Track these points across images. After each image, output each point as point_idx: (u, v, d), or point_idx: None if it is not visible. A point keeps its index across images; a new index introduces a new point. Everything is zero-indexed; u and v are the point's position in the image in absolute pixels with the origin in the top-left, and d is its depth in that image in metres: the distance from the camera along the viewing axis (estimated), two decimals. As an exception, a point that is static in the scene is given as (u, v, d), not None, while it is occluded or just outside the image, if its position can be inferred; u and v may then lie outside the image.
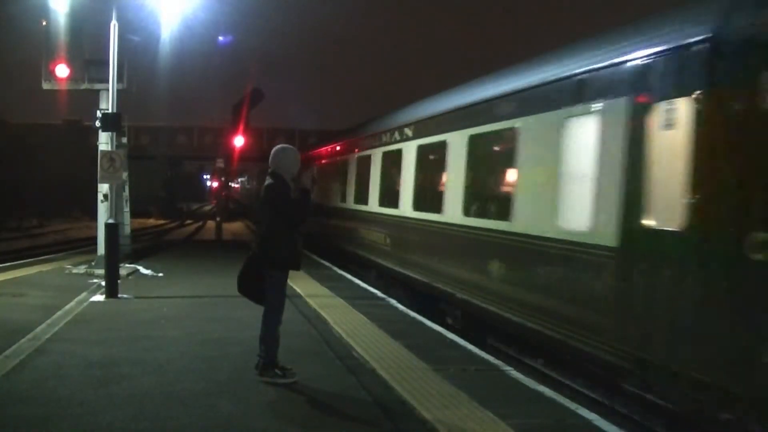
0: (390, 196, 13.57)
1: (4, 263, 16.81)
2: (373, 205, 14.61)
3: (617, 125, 6.62)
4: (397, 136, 13.52)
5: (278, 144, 7.30)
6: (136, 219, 33.68)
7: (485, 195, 9.92)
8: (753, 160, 5.19)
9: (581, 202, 7.12)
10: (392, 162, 13.51)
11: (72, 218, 47.74)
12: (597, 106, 7.01)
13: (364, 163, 15.60)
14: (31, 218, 45.15)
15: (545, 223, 7.76)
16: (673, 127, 5.91)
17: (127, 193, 17.41)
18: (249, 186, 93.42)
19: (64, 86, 15.98)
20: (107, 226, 12.33)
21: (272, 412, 5.91)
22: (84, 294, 11.95)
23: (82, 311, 10.43)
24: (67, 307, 10.67)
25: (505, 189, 8.95)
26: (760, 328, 5.05)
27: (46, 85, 15.89)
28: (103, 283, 12.04)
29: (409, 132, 12.80)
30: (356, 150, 16.76)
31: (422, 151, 12.06)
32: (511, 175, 8.75)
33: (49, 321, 9.47)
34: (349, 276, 15.53)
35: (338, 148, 19.51)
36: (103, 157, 13.17)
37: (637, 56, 6.45)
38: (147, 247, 23.05)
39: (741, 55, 5.32)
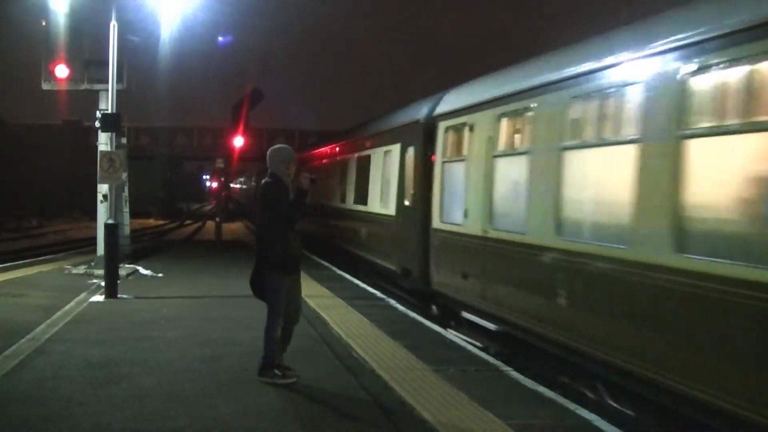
0: (331, 194, 20.49)
1: (4, 263, 16.82)
2: (324, 200, 21.10)
3: (397, 156, 13.64)
4: (331, 153, 21.63)
5: (277, 144, 7.29)
6: (136, 219, 33.70)
7: (361, 191, 16.61)
8: (431, 176, 11.50)
9: (385, 194, 14.40)
10: (330, 171, 21.17)
11: (72, 218, 47.66)
12: (392, 146, 14.14)
13: (319, 171, 22.70)
14: (31, 218, 45.10)
15: (376, 206, 15.03)
16: (411, 159, 12.65)
17: (126, 193, 17.40)
18: (246, 186, 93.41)
19: (63, 86, 16.00)
20: (107, 226, 12.34)
21: (272, 412, 5.92)
22: (84, 294, 11.96)
23: (82, 311, 10.44)
24: (67, 307, 10.68)
25: (367, 188, 15.90)
26: (423, 242, 11.67)
27: (45, 86, 15.90)
28: (103, 284, 12.05)
29: (336, 150, 20.72)
30: (313, 161, 24.80)
31: (342, 164, 19.41)
32: (369, 180, 15.87)
33: (48, 321, 9.49)
34: (348, 276, 15.58)
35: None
36: (102, 158, 13.18)
37: (402, 124, 13.65)
38: (147, 247, 23.03)
39: (429, 130, 11.79)
